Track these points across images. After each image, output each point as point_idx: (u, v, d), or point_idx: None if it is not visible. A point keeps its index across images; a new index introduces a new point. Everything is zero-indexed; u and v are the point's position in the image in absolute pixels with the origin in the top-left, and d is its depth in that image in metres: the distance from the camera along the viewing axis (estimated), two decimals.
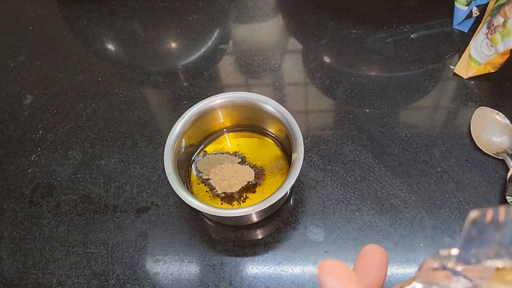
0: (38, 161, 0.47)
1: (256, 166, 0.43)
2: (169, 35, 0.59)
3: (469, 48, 0.50)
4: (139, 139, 0.48)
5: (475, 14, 0.52)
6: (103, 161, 0.47)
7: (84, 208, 0.44)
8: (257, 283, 0.38)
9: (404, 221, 0.41)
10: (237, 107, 0.42)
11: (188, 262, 0.40)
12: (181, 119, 0.40)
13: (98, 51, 0.58)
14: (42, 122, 0.51)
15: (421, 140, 0.46)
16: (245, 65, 0.54)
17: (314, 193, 0.43)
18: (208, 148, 0.45)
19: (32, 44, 0.59)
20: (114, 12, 0.61)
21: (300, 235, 0.40)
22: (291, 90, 0.52)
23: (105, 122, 0.50)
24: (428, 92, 0.50)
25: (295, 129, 0.38)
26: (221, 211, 0.36)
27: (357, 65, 0.52)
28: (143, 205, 0.43)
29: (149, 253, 0.40)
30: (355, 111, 0.48)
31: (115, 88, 0.53)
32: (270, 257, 0.40)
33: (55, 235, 0.42)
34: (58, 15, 0.63)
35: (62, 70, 0.56)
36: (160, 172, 0.45)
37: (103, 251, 0.41)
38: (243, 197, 0.41)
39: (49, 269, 0.40)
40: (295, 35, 0.57)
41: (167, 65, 0.55)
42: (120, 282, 0.39)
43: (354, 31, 0.56)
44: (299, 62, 0.55)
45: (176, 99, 0.51)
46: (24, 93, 0.54)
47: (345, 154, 0.45)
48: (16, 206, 0.44)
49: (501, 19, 0.45)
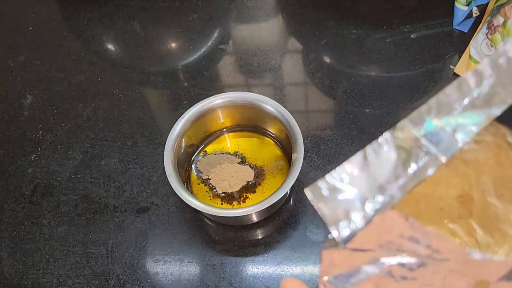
0: (38, 161, 0.47)
1: (256, 166, 0.43)
2: (169, 35, 0.59)
3: (469, 48, 0.50)
4: (139, 139, 0.48)
5: (475, 14, 0.52)
6: (103, 161, 0.47)
7: (84, 208, 0.44)
8: (257, 283, 0.38)
9: None
10: (237, 107, 0.42)
11: (188, 262, 0.40)
12: (181, 119, 0.40)
13: (98, 51, 0.58)
14: (42, 122, 0.51)
15: None
16: (245, 65, 0.54)
17: None
18: (208, 148, 0.45)
19: (32, 44, 0.59)
20: (114, 12, 0.61)
21: (300, 235, 0.40)
22: (291, 90, 0.52)
23: (105, 122, 0.50)
24: (428, 92, 0.50)
25: (295, 129, 0.38)
26: (221, 211, 0.36)
27: (357, 65, 0.52)
28: (143, 205, 0.43)
29: (149, 253, 0.40)
30: (355, 111, 0.48)
31: (115, 88, 0.53)
32: (270, 257, 0.40)
33: (55, 235, 0.42)
34: (58, 15, 0.63)
35: (62, 70, 0.56)
36: (160, 172, 0.45)
37: (103, 251, 0.41)
38: (243, 197, 0.41)
39: (49, 269, 0.40)
40: (295, 35, 0.57)
41: (167, 65, 0.55)
42: (120, 282, 0.39)
43: (354, 31, 0.56)
44: (299, 62, 0.55)
45: (176, 99, 0.51)
46: (24, 93, 0.54)
47: (345, 154, 0.45)
48: (16, 206, 0.44)
49: (501, 19, 0.45)
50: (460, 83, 0.18)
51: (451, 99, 0.18)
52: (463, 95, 0.17)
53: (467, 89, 0.18)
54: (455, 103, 0.17)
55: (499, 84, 0.17)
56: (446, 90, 0.18)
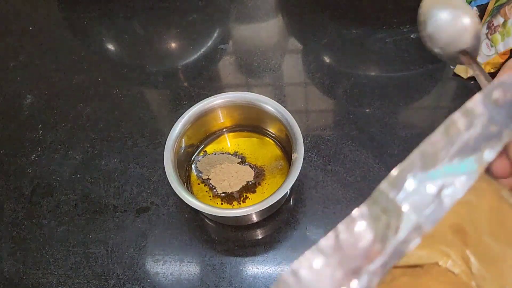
0: (38, 161, 0.47)
1: (256, 166, 0.43)
2: (169, 35, 0.59)
3: None
4: (139, 139, 0.48)
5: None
6: (103, 161, 0.47)
7: (84, 208, 0.44)
8: (257, 283, 0.38)
9: None
10: (237, 107, 0.42)
11: (188, 262, 0.40)
12: (181, 119, 0.40)
13: (98, 51, 0.58)
14: (42, 122, 0.51)
15: (421, 140, 0.45)
16: (245, 65, 0.54)
17: (314, 193, 0.43)
18: (208, 148, 0.45)
19: (32, 44, 0.59)
20: (114, 12, 0.61)
21: (300, 235, 0.40)
22: (291, 90, 0.52)
23: (105, 122, 0.50)
24: (428, 92, 0.50)
25: (295, 129, 0.38)
26: (221, 211, 0.36)
27: (357, 65, 0.52)
28: (143, 205, 0.43)
29: (149, 253, 0.40)
30: (355, 111, 0.48)
31: (115, 88, 0.53)
32: (270, 257, 0.40)
33: (55, 235, 0.42)
34: (58, 15, 0.63)
35: (62, 70, 0.56)
36: (160, 172, 0.45)
37: (103, 251, 0.41)
38: (243, 197, 0.41)
39: (49, 269, 0.40)
40: (295, 35, 0.57)
41: (167, 65, 0.55)
42: (120, 282, 0.39)
43: (354, 31, 0.56)
44: (299, 62, 0.55)
45: (176, 99, 0.51)
46: (24, 93, 0.54)
47: (345, 154, 0.45)
48: (16, 206, 0.44)
49: (501, 19, 0.45)
50: (448, 127, 0.15)
51: (437, 148, 0.15)
52: (451, 141, 0.15)
53: (456, 133, 0.15)
54: (442, 152, 0.15)
55: (494, 121, 0.15)
56: (432, 138, 0.16)
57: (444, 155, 0.15)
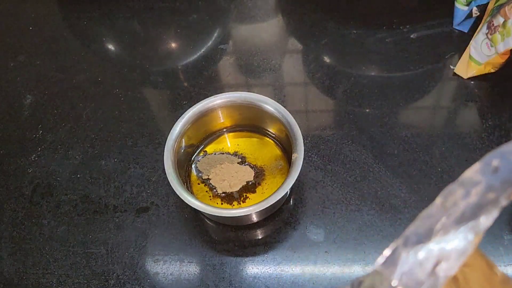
0: (38, 161, 0.47)
1: (256, 166, 0.43)
2: (169, 35, 0.59)
3: (469, 48, 0.50)
4: (139, 139, 0.48)
5: (475, 14, 0.52)
6: (103, 161, 0.47)
7: (84, 208, 0.44)
8: (257, 283, 0.38)
9: (404, 221, 0.41)
10: (237, 107, 0.42)
11: (188, 262, 0.40)
12: (181, 119, 0.40)
13: (98, 51, 0.58)
14: (42, 122, 0.51)
15: (421, 140, 0.46)
16: (245, 65, 0.54)
17: (314, 193, 0.43)
18: (208, 148, 0.45)
19: (32, 44, 0.59)
20: (114, 12, 0.61)
21: (300, 235, 0.40)
22: (291, 90, 0.52)
23: (105, 122, 0.50)
24: (428, 92, 0.50)
25: (295, 129, 0.38)
26: (221, 211, 0.36)
27: (357, 65, 0.52)
28: (143, 205, 0.43)
29: (149, 253, 0.40)
30: (355, 111, 0.48)
31: (115, 88, 0.53)
32: (270, 257, 0.40)
33: (55, 235, 0.42)
34: (58, 15, 0.63)
35: (62, 70, 0.56)
36: (160, 172, 0.45)
37: (103, 251, 0.41)
38: (243, 197, 0.41)
39: (49, 269, 0.40)
40: (295, 35, 0.57)
41: (167, 65, 0.55)
42: (120, 282, 0.39)
43: (354, 31, 0.56)
44: (299, 62, 0.55)
45: (176, 99, 0.51)
46: (24, 93, 0.54)
47: (345, 154, 0.45)
48: (16, 206, 0.44)
49: (501, 19, 0.45)
50: (445, 197, 0.15)
51: (433, 220, 0.15)
52: (446, 213, 0.15)
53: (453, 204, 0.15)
54: (437, 224, 0.15)
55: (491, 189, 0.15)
56: (429, 211, 0.15)
57: (439, 227, 0.15)
